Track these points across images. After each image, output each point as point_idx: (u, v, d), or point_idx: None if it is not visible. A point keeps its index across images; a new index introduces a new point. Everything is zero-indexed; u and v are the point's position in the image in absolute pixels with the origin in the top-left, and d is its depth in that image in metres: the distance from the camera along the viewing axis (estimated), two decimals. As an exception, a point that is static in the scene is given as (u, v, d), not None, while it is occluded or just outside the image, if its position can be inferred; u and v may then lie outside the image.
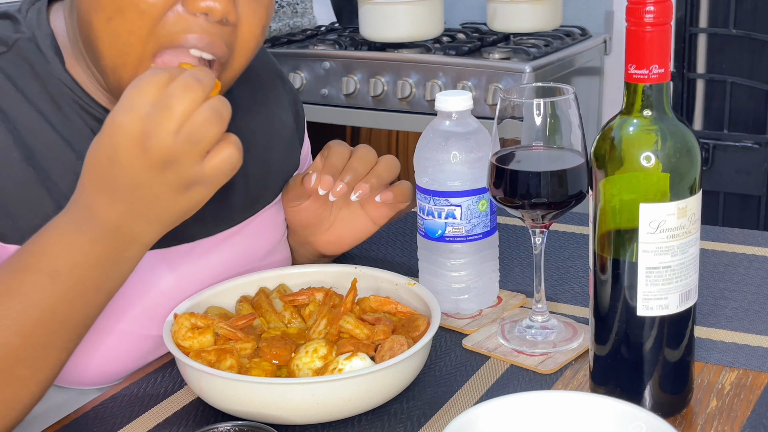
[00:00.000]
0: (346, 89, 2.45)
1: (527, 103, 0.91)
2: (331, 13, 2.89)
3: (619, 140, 0.80)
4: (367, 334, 0.92)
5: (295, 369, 0.88)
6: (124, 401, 0.92)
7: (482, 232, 1.03)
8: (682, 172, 0.78)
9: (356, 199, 1.04)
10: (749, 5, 2.56)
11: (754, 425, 0.83)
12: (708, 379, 0.91)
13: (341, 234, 1.13)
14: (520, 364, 0.95)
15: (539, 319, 0.99)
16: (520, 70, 2.26)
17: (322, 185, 1.03)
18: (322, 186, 1.02)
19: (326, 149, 1.07)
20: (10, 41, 0.95)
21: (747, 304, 1.05)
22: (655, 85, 0.78)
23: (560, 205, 0.92)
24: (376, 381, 0.84)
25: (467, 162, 1.00)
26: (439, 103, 1.01)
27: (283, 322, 0.97)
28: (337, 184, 1.02)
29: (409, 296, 0.99)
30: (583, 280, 1.13)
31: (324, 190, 1.03)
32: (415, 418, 0.87)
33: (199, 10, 0.87)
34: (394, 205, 1.08)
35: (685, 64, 2.63)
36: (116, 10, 0.87)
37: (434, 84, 2.35)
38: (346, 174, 1.03)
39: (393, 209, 1.09)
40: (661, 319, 0.81)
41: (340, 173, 1.03)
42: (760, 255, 1.18)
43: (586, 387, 0.90)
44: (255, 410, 0.84)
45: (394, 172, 1.07)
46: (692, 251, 0.81)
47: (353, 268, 1.04)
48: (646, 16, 0.77)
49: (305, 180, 1.05)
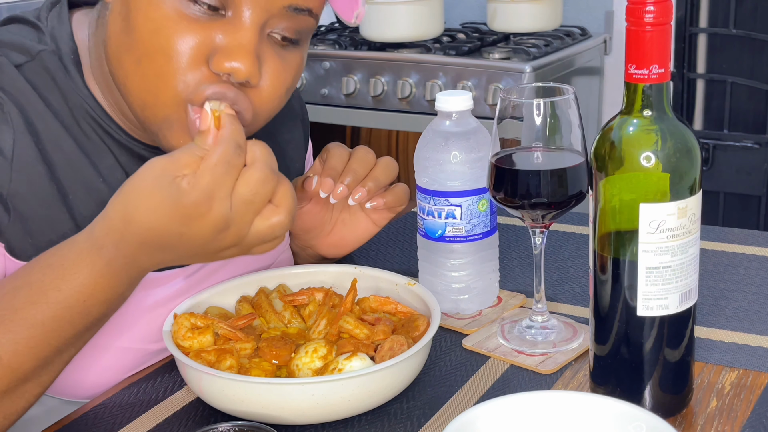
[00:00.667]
0: (346, 89, 2.45)
1: (527, 103, 0.91)
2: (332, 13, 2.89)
3: (619, 140, 0.80)
4: (367, 334, 0.91)
5: (294, 369, 0.88)
6: (124, 401, 0.92)
7: (482, 232, 1.03)
8: (682, 172, 0.78)
9: (354, 204, 1.04)
10: (749, 5, 2.56)
11: (755, 425, 0.83)
12: (708, 379, 0.91)
13: (343, 236, 1.13)
14: (520, 364, 0.95)
15: (539, 319, 0.99)
16: (520, 70, 2.26)
17: (323, 188, 1.03)
18: (323, 189, 1.02)
19: (325, 152, 1.07)
20: (34, 51, 0.94)
21: (747, 304, 1.05)
22: (655, 85, 0.78)
23: (560, 205, 0.92)
24: (376, 381, 0.84)
25: (467, 162, 1.00)
26: (439, 103, 1.01)
27: (283, 322, 0.97)
28: (337, 187, 1.02)
29: (409, 296, 0.99)
30: (583, 280, 1.13)
31: (325, 193, 1.03)
32: (415, 418, 0.87)
33: (224, 70, 0.86)
34: (392, 208, 1.08)
35: (685, 64, 2.63)
36: (145, 54, 0.87)
37: (434, 84, 2.35)
38: (346, 176, 1.03)
39: (392, 211, 1.10)
40: (662, 319, 0.81)
41: (340, 175, 1.03)
42: (760, 255, 1.18)
43: (586, 387, 0.90)
44: (255, 410, 0.84)
45: (391, 174, 1.07)
46: (692, 251, 0.81)
47: (353, 268, 1.04)
48: (646, 16, 0.77)
49: (306, 183, 1.05)
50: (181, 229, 0.79)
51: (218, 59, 0.86)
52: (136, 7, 0.86)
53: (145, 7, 0.86)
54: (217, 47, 0.86)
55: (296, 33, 0.90)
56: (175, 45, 0.85)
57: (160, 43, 0.86)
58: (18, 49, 0.94)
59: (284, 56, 0.91)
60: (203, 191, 0.77)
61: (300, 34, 0.91)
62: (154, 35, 0.86)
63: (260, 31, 0.87)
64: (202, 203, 0.78)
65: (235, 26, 0.86)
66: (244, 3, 0.85)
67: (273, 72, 0.90)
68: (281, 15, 0.88)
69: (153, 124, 0.90)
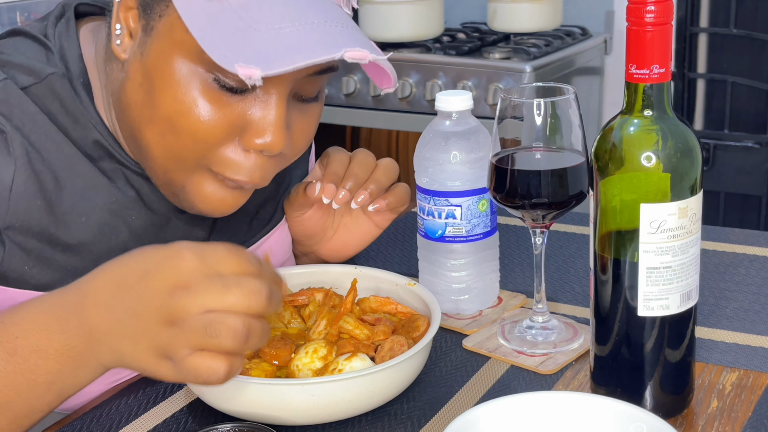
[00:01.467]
0: (346, 89, 2.45)
1: (527, 103, 0.91)
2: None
3: (620, 140, 0.80)
4: (367, 335, 0.91)
5: (294, 369, 0.88)
6: (124, 401, 0.92)
7: (482, 233, 1.02)
8: (683, 172, 0.78)
9: (357, 207, 1.04)
10: (750, 5, 2.56)
11: (755, 426, 0.83)
12: (709, 379, 0.91)
13: (346, 240, 1.12)
14: (521, 365, 0.95)
15: (540, 320, 0.99)
16: (521, 69, 2.26)
17: (325, 194, 1.02)
18: (326, 194, 1.02)
19: (325, 157, 1.07)
20: (43, 74, 0.92)
21: (748, 305, 1.05)
22: (656, 85, 0.78)
23: (561, 205, 0.92)
24: (376, 381, 0.84)
25: (467, 162, 1.00)
26: (439, 103, 1.01)
27: (282, 322, 0.97)
28: (339, 191, 1.02)
29: (409, 296, 0.99)
30: (584, 281, 1.13)
31: (328, 199, 1.03)
32: (415, 418, 0.87)
33: (257, 147, 0.86)
34: (394, 209, 1.08)
35: (685, 64, 2.63)
36: (171, 131, 0.85)
37: (434, 84, 2.35)
38: (347, 180, 1.03)
39: (394, 212, 1.09)
40: (662, 319, 0.81)
41: (341, 180, 1.03)
42: (760, 255, 1.18)
43: (586, 387, 0.90)
44: (255, 411, 0.84)
45: (392, 176, 1.07)
46: (693, 251, 0.80)
47: (353, 268, 1.04)
48: (646, 15, 0.76)
49: (308, 189, 1.04)
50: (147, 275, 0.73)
51: (249, 137, 0.86)
52: (163, 85, 0.84)
53: (172, 87, 0.84)
54: (246, 125, 0.86)
55: (318, 90, 0.90)
56: (205, 127, 0.85)
57: (189, 125, 0.85)
58: (26, 71, 0.92)
59: (307, 111, 0.91)
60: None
61: (320, 88, 0.91)
62: (183, 117, 0.84)
63: (287, 102, 0.87)
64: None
65: (263, 103, 0.85)
66: (269, 81, 0.83)
67: (300, 132, 0.90)
68: (305, 81, 0.87)
69: (175, 185, 0.91)
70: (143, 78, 0.86)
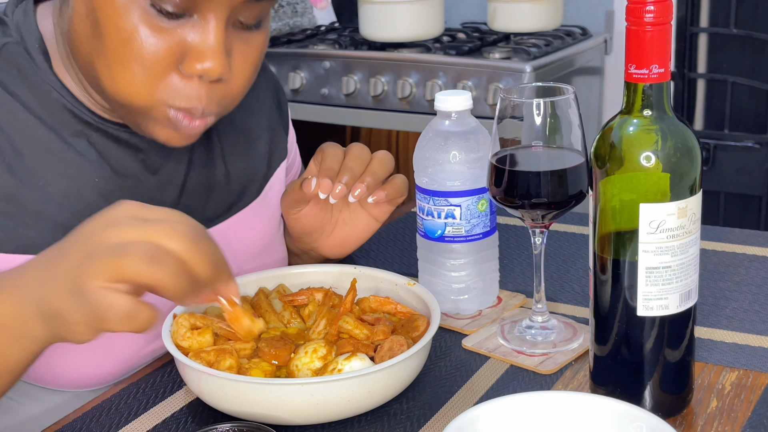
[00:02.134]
0: (346, 89, 2.45)
1: (527, 103, 0.91)
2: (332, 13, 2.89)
3: (619, 140, 0.80)
4: (367, 335, 0.91)
5: (294, 369, 0.88)
6: (123, 401, 0.92)
7: (482, 232, 1.02)
8: (683, 172, 0.78)
9: (354, 200, 1.04)
10: (750, 5, 2.56)
11: (755, 426, 0.83)
12: (708, 379, 0.91)
13: (345, 235, 1.12)
14: (520, 365, 0.95)
15: (539, 320, 0.99)
16: (521, 69, 2.26)
17: (321, 189, 1.02)
18: (322, 190, 1.02)
19: (319, 152, 1.07)
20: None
21: (747, 305, 1.05)
22: (656, 85, 0.78)
23: (560, 205, 0.92)
24: (376, 381, 0.84)
25: (467, 162, 1.00)
26: (439, 103, 1.01)
27: (282, 322, 0.97)
28: (335, 186, 1.02)
29: (409, 296, 0.99)
30: (583, 281, 1.13)
31: (324, 194, 1.02)
32: (415, 418, 0.87)
33: (196, 72, 0.87)
34: (392, 200, 1.08)
35: (685, 64, 2.63)
36: (116, 61, 0.87)
37: (434, 84, 2.34)
38: (343, 175, 1.03)
39: (393, 204, 1.09)
40: (662, 319, 0.81)
41: (337, 175, 1.03)
42: (760, 255, 1.18)
43: (586, 387, 0.90)
44: (254, 411, 0.84)
45: (388, 167, 1.06)
46: (692, 251, 0.80)
47: (353, 268, 1.04)
48: (646, 15, 0.76)
49: (304, 185, 1.04)
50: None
51: (189, 63, 0.87)
52: (104, 15, 0.86)
53: (113, 16, 0.86)
54: (187, 50, 0.87)
55: (258, 18, 0.91)
56: (147, 54, 0.86)
57: (132, 53, 0.86)
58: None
59: (249, 39, 0.92)
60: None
61: (261, 16, 0.92)
62: (126, 45, 0.86)
63: (225, 27, 0.88)
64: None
65: (201, 27, 0.87)
66: (206, 5, 0.86)
67: (241, 60, 0.91)
68: (243, 6, 0.88)
69: (131, 117, 0.92)
70: (87, 9, 0.88)
